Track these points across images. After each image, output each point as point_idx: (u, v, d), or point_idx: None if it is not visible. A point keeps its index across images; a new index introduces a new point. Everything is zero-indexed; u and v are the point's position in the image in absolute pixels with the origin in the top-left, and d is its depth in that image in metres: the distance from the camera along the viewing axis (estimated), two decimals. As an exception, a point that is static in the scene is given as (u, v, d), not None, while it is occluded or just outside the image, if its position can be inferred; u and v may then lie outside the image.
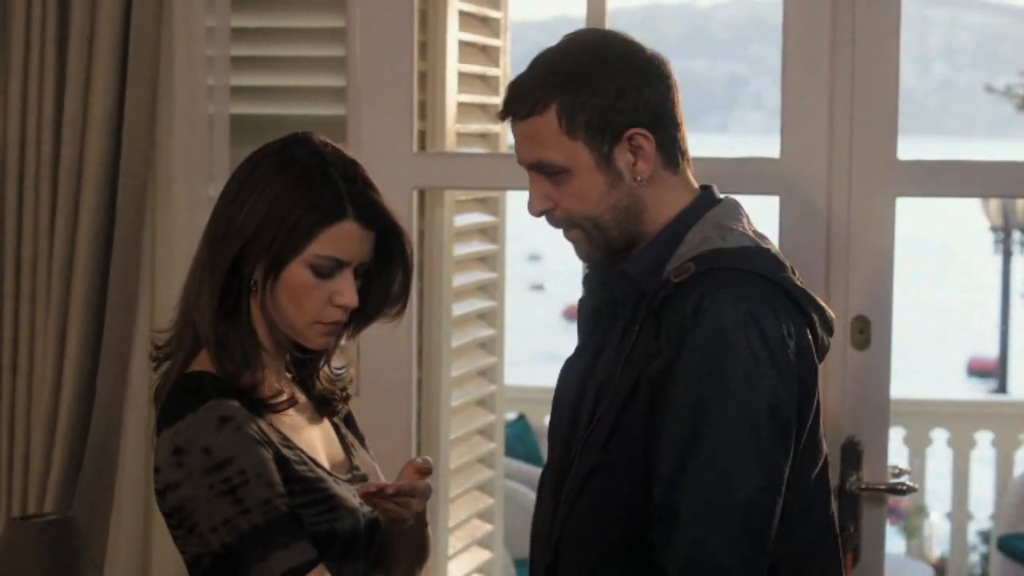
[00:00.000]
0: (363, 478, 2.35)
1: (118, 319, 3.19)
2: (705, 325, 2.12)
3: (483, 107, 3.78)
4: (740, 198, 2.38)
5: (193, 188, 3.19)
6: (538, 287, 25.75)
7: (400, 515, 2.25)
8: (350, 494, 2.28)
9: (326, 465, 2.30)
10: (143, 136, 3.19)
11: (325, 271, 2.23)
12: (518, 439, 6.49)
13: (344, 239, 2.23)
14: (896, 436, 6.15)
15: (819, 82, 3.14)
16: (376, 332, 3.27)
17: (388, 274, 2.32)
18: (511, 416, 6.74)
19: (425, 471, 2.26)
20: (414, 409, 3.37)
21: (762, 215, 3.17)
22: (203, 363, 2.24)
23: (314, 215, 2.21)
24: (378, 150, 3.20)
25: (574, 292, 2.75)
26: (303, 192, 2.22)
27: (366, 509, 2.30)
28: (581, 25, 3.08)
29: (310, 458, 2.26)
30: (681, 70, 2.36)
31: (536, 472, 6.19)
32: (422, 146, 3.48)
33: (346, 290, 2.25)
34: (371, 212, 2.25)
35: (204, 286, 2.24)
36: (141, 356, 3.15)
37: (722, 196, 2.33)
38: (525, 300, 22.96)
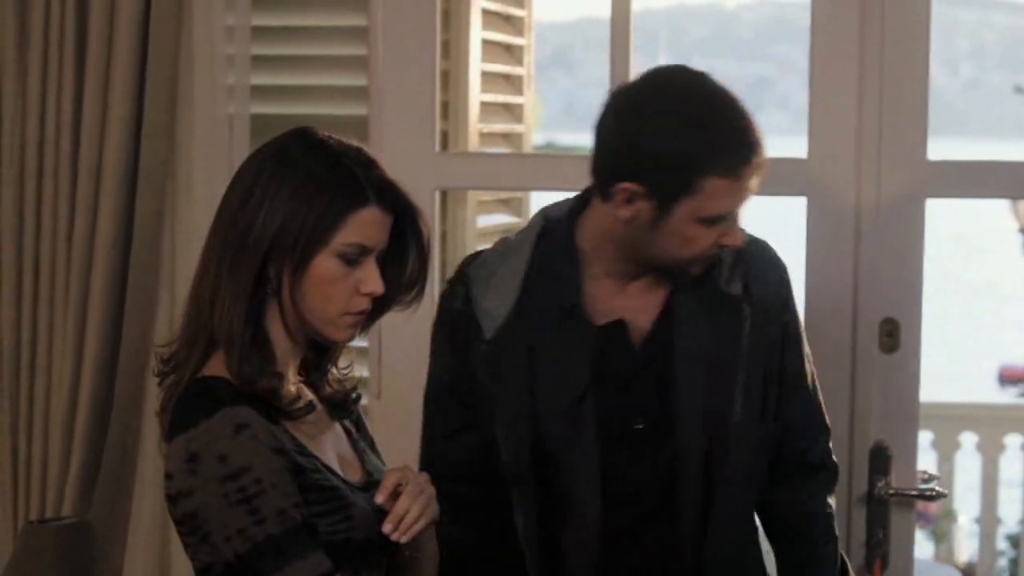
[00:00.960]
0: (376, 484, 2.31)
1: (137, 321, 3.16)
2: None
3: (507, 107, 3.74)
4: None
5: (213, 189, 3.14)
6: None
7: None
8: (365, 502, 2.24)
9: (340, 472, 2.26)
10: (162, 136, 3.16)
11: (351, 259, 2.19)
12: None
13: (368, 225, 2.19)
14: (924, 440, 6.10)
15: (847, 82, 3.10)
16: (397, 334, 3.24)
17: (403, 258, 2.28)
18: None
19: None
20: (436, 413, 3.32)
21: (789, 216, 3.13)
22: (214, 370, 2.20)
23: (338, 204, 2.18)
24: (400, 150, 3.16)
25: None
26: (321, 184, 2.18)
27: (381, 516, 2.25)
28: (605, 26, 3.05)
29: (324, 465, 2.22)
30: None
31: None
32: (444, 146, 3.44)
33: (371, 277, 2.21)
34: (390, 195, 2.22)
35: (225, 294, 2.19)
36: (160, 358, 3.12)
37: None
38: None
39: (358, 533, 2.19)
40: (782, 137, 2.69)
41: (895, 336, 3.13)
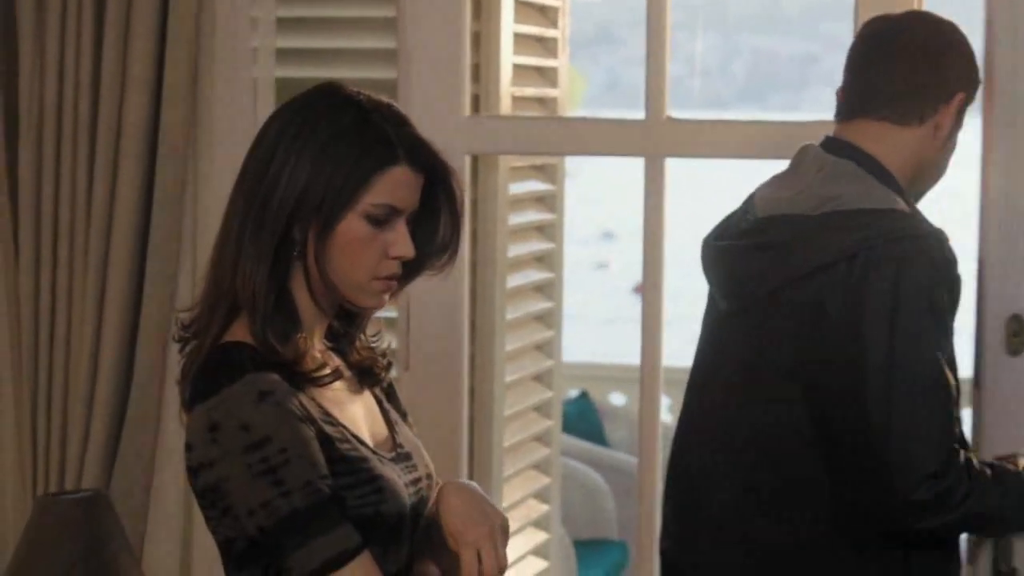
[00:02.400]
0: (406, 456, 2.20)
1: (158, 288, 3.08)
2: None
3: (540, 70, 3.63)
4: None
5: (236, 155, 2.94)
6: (603, 265, 25.59)
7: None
8: (395, 474, 2.14)
9: (369, 442, 2.14)
10: (184, 99, 3.07)
11: (380, 221, 2.08)
12: (580, 417, 6.35)
13: (398, 185, 2.08)
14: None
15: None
16: (427, 304, 3.16)
17: (434, 221, 2.17)
18: (573, 393, 6.60)
19: None
20: (466, 385, 3.23)
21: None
22: (237, 336, 2.10)
23: (367, 163, 2.07)
24: (430, 113, 3.05)
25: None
26: (350, 141, 2.07)
27: (412, 490, 2.15)
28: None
29: (353, 435, 2.11)
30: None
31: (598, 451, 6.09)
32: (476, 110, 3.34)
33: (401, 240, 2.10)
34: (421, 154, 2.11)
35: (248, 257, 2.08)
36: (181, 327, 3.03)
37: None
38: (592, 277, 22.83)
39: (388, 506, 2.09)
40: (829, 114, 2.59)
41: (1021, 336, 2.90)
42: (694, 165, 3.75)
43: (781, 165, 2.63)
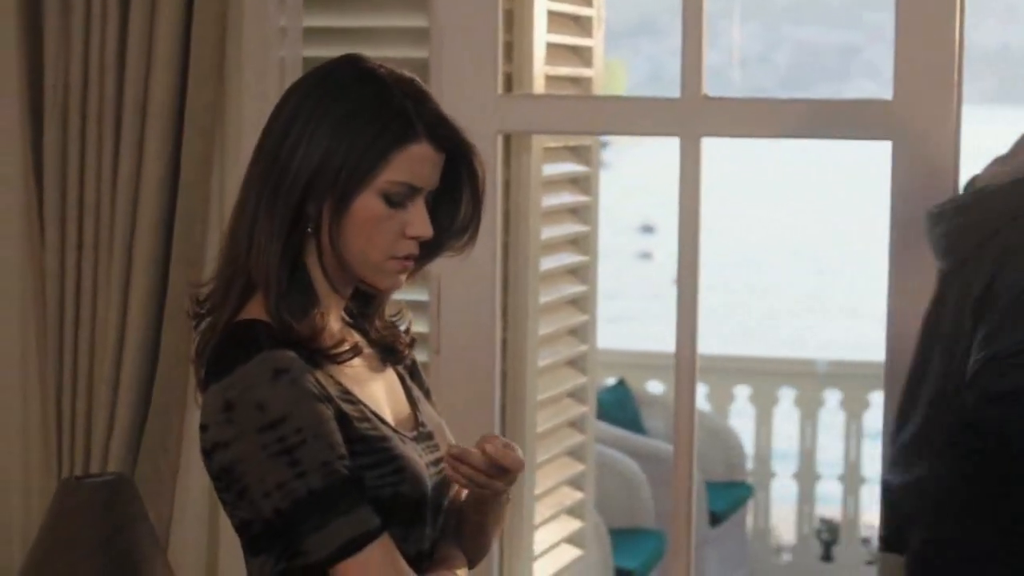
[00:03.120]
0: (428, 435, 2.15)
1: (184, 269, 3.03)
2: None
3: (575, 49, 3.55)
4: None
5: None
6: (647, 255, 25.57)
7: (492, 489, 2.07)
8: (416, 454, 2.08)
9: (390, 421, 2.09)
10: (210, 79, 3.02)
11: (397, 199, 2.03)
12: (617, 405, 6.29)
13: (417, 162, 2.03)
14: None
15: (940, 9, 2.88)
16: (458, 287, 3.10)
17: (455, 200, 2.11)
18: (611, 381, 6.55)
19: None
20: (498, 369, 3.17)
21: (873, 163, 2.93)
22: (252, 313, 2.04)
23: (385, 139, 2.01)
24: (461, 92, 2.99)
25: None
26: (369, 116, 2.02)
27: (434, 470, 2.10)
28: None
29: (373, 413, 2.05)
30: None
31: (635, 439, 6.04)
32: (508, 90, 3.27)
33: (419, 219, 2.04)
34: (442, 131, 2.06)
35: (262, 232, 2.03)
36: (208, 309, 2.98)
37: None
38: (635, 267, 22.76)
39: (408, 487, 2.03)
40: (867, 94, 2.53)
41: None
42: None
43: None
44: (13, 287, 3.19)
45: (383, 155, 2.02)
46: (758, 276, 22.44)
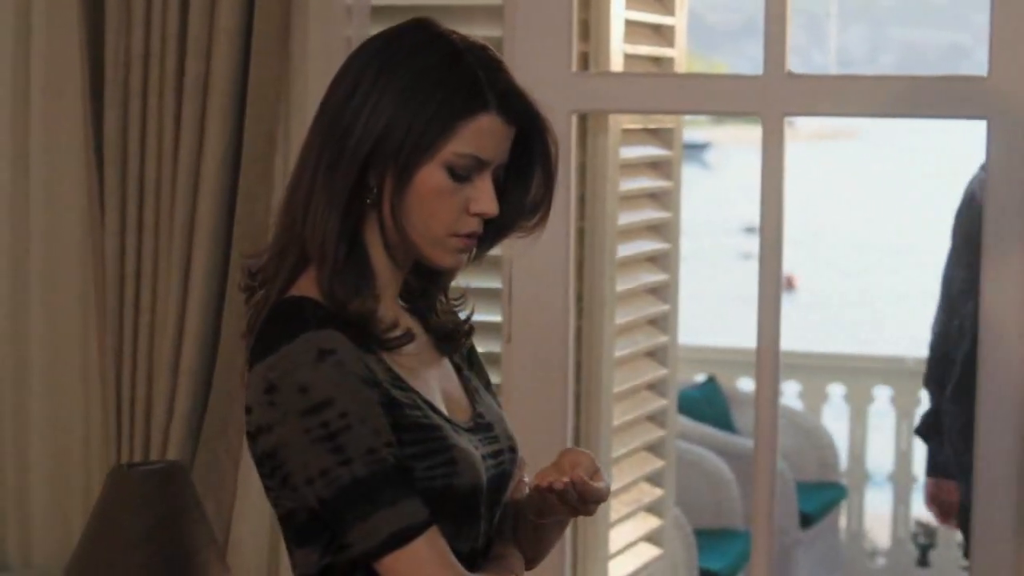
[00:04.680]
0: (487, 427, 2.02)
1: (245, 251, 2.93)
2: None
3: (656, 28, 3.42)
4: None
5: None
6: (749, 256, 25.39)
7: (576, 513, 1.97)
8: (472, 445, 1.95)
9: (444, 410, 1.96)
10: (274, 55, 2.92)
11: (462, 172, 1.90)
12: (707, 402, 6.14)
13: (485, 134, 1.90)
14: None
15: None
16: (531, 273, 2.97)
17: (526, 178, 1.98)
18: (700, 378, 6.40)
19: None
20: (571, 359, 3.04)
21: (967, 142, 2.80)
22: (303, 289, 1.93)
23: (451, 107, 1.88)
24: (533, 70, 2.87)
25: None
26: (436, 82, 1.89)
27: (491, 463, 1.97)
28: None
29: (425, 401, 1.93)
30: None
31: (724, 437, 5.89)
32: (584, 68, 3.15)
33: (484, 195, 1.91)
34: (514, 102, 1.93)
35: (320, 200, 1.91)
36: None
37: None
38: (736, 268, 22.55)
39: (461, 479, 1.90)
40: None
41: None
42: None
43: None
44: (74, 270, 3.13)
45: (449, 125, 1.89)
46: (860, 273, 22.17)
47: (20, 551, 3.20)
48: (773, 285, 2.90)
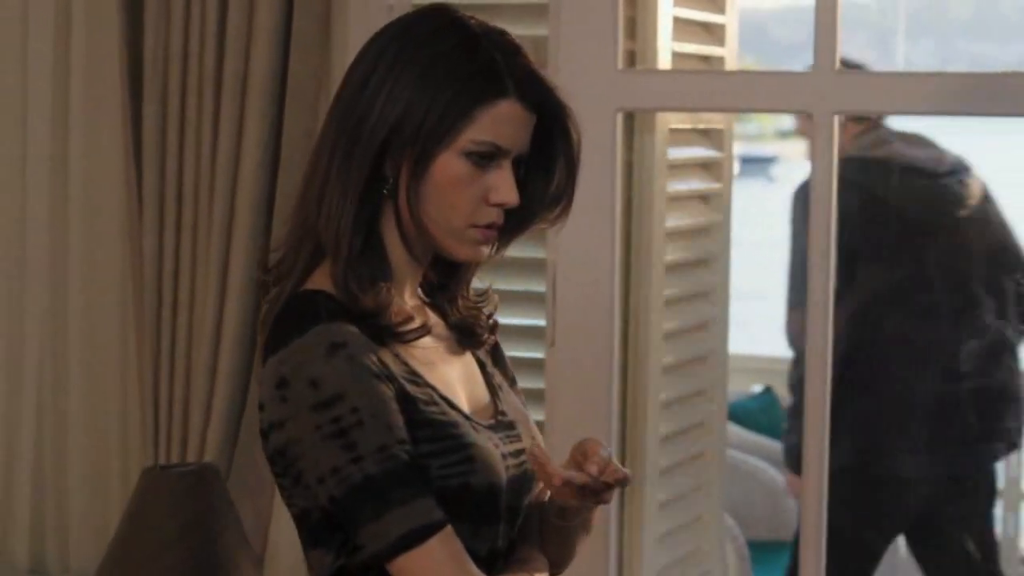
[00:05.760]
0: (509, 425, 1.96)
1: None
2: None
3: (706, 26, 3.35)
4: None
5: None
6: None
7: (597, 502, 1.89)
8: (492, 443, 1.89)
9: (464, 407, 1.91)
10: (314, 53, 2.89)
11: (481, 161, 1.85)
12: (763, 412, 6.05)
13: (504, 121, 1.85)
14: None
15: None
16: (575, 276, 2.91)
17: (547, 167, 1.93)
18: (757, 388, 6.31)
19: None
20: (616, 364, 2.97)
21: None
22: (318, 282, 1.88)
23: (470, 93, 1.84)
24: (578, 68, 2.81)
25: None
26: (454, 68, 1.84)
27: (513, 462, 1.91)
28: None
29: (443, 398, 1.87)
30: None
31: (779, 448, 5.79)
32: (631, 67, 3.08)
33: (504, 185, 1.87)
34: (534, 89, 1.88)
35: (334, 190, 1.86)
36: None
37: None
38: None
39: (479, 478, 1.84)
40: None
41: None
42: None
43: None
44: (112, 270, 3.10)
45: (467, 111, 1.84)
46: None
47: (58, 555, 3.18)
48: (823, 293, 2.82)
